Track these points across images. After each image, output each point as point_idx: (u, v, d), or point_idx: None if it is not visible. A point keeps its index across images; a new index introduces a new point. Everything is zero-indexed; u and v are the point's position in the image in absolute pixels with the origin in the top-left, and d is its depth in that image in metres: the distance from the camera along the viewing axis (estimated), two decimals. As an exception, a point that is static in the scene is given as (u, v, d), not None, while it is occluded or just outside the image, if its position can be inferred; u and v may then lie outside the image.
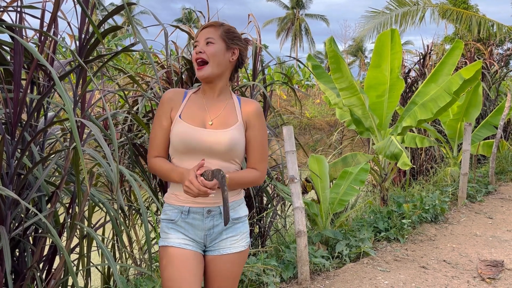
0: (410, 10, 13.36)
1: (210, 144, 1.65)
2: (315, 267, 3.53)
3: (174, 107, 1.72)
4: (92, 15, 2.11)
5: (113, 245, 3.30)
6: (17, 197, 1.49)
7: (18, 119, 1.94)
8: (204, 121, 1.70)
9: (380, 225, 4.46)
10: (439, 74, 6.02)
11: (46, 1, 2.13)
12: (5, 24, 1.96)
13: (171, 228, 1.70)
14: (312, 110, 23.36)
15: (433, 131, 7.40)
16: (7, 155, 1.91)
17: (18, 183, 1.96)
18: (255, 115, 1.75)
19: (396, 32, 5.64)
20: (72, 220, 2.11)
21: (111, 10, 2.14)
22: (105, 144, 1.88)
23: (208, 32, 1.70)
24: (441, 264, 3.80)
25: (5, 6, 2.08)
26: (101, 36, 1.95)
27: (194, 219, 1.69)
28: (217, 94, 1.74)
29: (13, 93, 1.94)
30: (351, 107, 5.82)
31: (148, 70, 5.64)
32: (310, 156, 4.79)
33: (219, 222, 1.71)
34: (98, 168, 2.65)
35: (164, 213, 1.74)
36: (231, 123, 1.70)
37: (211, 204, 1.69)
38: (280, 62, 5.38)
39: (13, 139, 1.94)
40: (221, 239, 1.73)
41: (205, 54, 1.67)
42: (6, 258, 1.69)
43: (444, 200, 5.36)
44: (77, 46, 2.14)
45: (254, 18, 3.94)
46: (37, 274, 1.96)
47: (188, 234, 1.70)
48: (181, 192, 1.68)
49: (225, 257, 1.72)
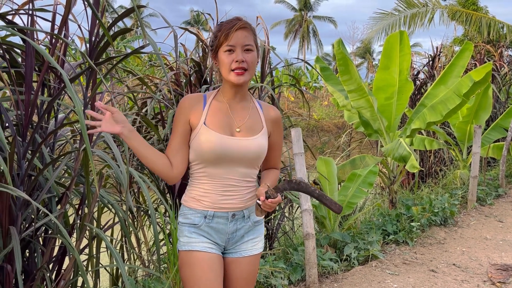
0: (419, 11, 13.29)
1: (242, 152, 1.65)
2: (323, 269, 3.52)
3: (194, 115, 1.66)
4: (102, 17, 2.13)
5: (122, 246, 3.31)
6: (28, 197, 1.50)
7: (29, 121, 1.96)
8: (232, 128, 1.67)
9: (388, 228, 4.44)
10: (449, 76, 5.97)
11: (57, 4, 2.15)
12: (17, 27, 1.98)
13: (193, 233, 1.68)
14: (320, 112, 23.31)
15: (442, 133, 7.35)
16: (18, 157, 1.92)
17: (29, 184, 1.98)
18: (277, 122, 1.79)
19: (405, 34, 5.61)
20: (81, 221, 2.12)
21: (121, 13, 2.16)
22: (115, 146, 1.90)
23: (245, 37, 1.63)
24: (450, 268, 3.77)
25: (17, 9, 2.10)
26: (111, 38, 1.96)
27: (218, 223, 1.69)
28: (241, 99, 1.72)
29: (25, 95, 1.96)
30: (360, 109, 5.80)
31: (157, 72, 5.66)
32: (318, 158, 4.78)
33: (242, 226, 1.73)
34: (107, 170, 2.66)
35: (184, 216, 1.71)
36: (257, 130, 1.71)
37: (236, 209, 1.70)
38: (288, 64, 5.38)
39: (24, 140, 1.95)
40: (242, 241, 1.75)
41: (246, 63, 1.62)
42: (17, 259, 1.70)
43: (453, 203, 5.31)
44: (87, 49, 2.16)
45: (262, 20, 3.94)
46: (47, 275, 1.97)
47: (211, 238, 1.69)
48: (204, 197, 1.68)
49: (247, 259, 1.75)
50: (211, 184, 1.67)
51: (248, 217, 1.74)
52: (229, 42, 1.61)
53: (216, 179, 1.66)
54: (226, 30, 1.61)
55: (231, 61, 1.61)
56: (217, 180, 1.66)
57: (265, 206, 1.58)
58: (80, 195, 2.27)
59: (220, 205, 1.67)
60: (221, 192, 1.67)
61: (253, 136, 1.68)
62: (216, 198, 1.67)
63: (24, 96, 1.96)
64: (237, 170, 1.67)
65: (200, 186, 1.69)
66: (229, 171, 1.66)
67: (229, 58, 1.62)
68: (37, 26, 2.09)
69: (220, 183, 1.67)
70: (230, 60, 1.61)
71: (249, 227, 1.75)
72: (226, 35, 1.61)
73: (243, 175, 1.69)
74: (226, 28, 1.62)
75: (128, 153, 3.25)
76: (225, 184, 1.67)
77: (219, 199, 1.67)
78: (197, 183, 1.70)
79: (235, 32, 1.61)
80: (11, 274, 1.86)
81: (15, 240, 1.74)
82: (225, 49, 1.62)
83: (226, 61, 1.62)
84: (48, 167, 2.05)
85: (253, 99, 1.78)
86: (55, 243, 2.13)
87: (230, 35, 1.61)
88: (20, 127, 1.96)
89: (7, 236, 1.86)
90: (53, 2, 2.16)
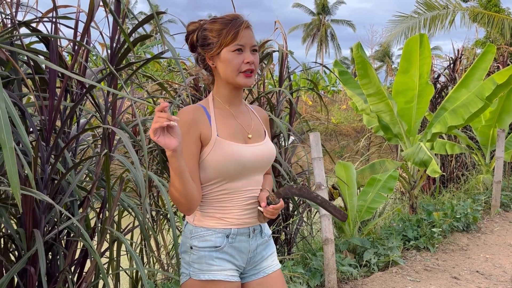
0: (440, 14, 13.11)
1: (259, 159, 1.54)
2: (343, 275, 3.48)
3: (202, 128, 1.47)
4: (122, 24, 2.17)
5: (141, 249, 3.35)
6: (51, 201, 1.53)
7: (52, 126, 2.00)
8: (244, 135, 1.54)
9: (409, 234, 4.37)
10: (470, 79, 5.87)
11: (80, 11, 2.19)
12: (41, 35, 2.03)
13: (216, 258, 1.48)
14: (339, 116, 23.17)
15: (464, 137, 7.21)
16: (42, 161, 1.97)
17: (52, 188, 2.02)
18: (268, 122, 1.71)
19: (425, 37, 5.54)
20: (102, 225, 2.16)
21: (141, 20, 2.20)
22: (133, 151, 1.92)
23: (252, 37, 1.50)
24: (473, 275, 3.69)
25: (41, 17, 2.15)
26: (132, 44, 2.00)
27: (240, 241, 1.52)
28: (239, 102, 1.60)
29: (48, 100, 2.00)
30: (379, 113, 5.74)
31: (176, 77, 5.72)
32: (337, 162, 4.75)
33: (261, 241, 1.59)
34: (127, 174, 2.70)
35: (201, 239, 1.49)
36: (263, 133, 1.62)
37: (255, 223, 1.57)
38: (306, 68, 5.38)
39: (47, 145, 2.00)
40: (262, 259, 1.61)
41: (254, 65, 1.49)
42: (41, 261, 1.73)
43: (476, 209, 5.20)
44: (108, 55, 2.20)
45: (280, 25, 3.95)
46: (69, 277, 2.00)
47: (234, 261, 1.52)
48: (226, 214, 1.50)
49: (274, 275, 1.62)
50: (232, 201, 1.50)
51: (263, 231, 1.62)
52: (239, 41, 1.46)
53: (237, 193, 1.51)
54: (235, 28, 1.46)
55: (241, 62, 1.46)
56: (237, 194, 1.51)
57: (267, 212, 1.49)
58: (101, 199, 2.31)
59: (243, 219, 1.52)
60: (244, 206, 1.52)
61: (263, 140, 1.59)
62: (239, 214, 1.51)
63: (48, 101, 2.01)
64: (255, 178, 1.55)
65: (218, 205, 1.50)
66: (248, 182, 1.52)
67: (238, 59, 1.46)
68: (60, 33, 2.14)
69: (241, 197, 1.51)
70: (239, 60, 1.46)
71: (266, 242, 1.62)
72: (236, 33, 1.45)
73: (259, 183, 1.57)
74: (233, 25, 1.47)
75: (148, 158, 3.28)
76: (246, 197, 1.52)
77: (242, 213, 1.52)
78: (215, 202, 1.51)
79: (244, 31, 1.47)
80: (35, 276, 1.90)
81: (39, 243, 1.77)
82: (233, 49, 1.46)
83: (234, 62, 1.46)
84: (71, 171, 2.09)
85: (244, 102, 1.67)
86: (77, 246, 2.16)
87: (240, 34, 1.46)
88: (44, 132, 2.01)
89: (31, 239, 1.90)
90: (75, 10, 2.21)
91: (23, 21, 2.03)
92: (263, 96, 3.83)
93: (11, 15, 2.03)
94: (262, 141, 1.58)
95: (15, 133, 1.76)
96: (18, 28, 1.97)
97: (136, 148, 3.18)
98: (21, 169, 1.83)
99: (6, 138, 1.17)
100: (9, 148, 1.16)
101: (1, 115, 1.19)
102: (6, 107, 1.23)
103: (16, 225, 2.08)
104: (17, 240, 1.92)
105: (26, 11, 2.22)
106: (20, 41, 2.04)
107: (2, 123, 1.18)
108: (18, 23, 1.99)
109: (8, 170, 1.15)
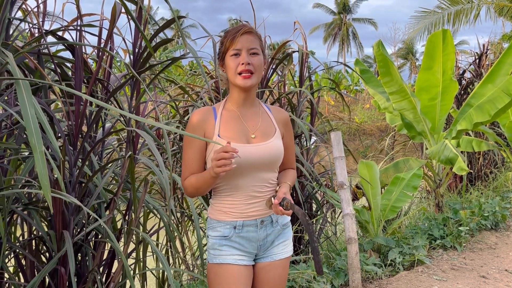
0: (464, 8, 12.82)
1: (261, 158, 1.64)
2: (367, 274, 3.46)
3: (207, 129, 1.65)
4: (144, 30, 2.22)
5: (167, 250, 3.40)
6: (80, 203, 1.59)
7: (79, 130, 2.07)
8: (247, 135, 1.67)
9: (435, 233, 4.30)
10: (497, 74, 5.72)
11: (103, 19, 2.26)
12: (67, 43, 2.10)
13: (224, 245, 1.68)
14: (362, 115, 22.91)
15: (492, 134, 7.03)
16: (70, 164, 2.04)
17: (79, 190, 2.09)
18: (288, 122, 1.80)
19: (448, 32, 5.44)
20: (128, 226, 2.21)
21: (162, 24, 2.25)
22: (158, 153, 1.97)
23: (250, 41, 1.63)
24: (502, 274, 3.60)
25: (67, 25, 2.23)
26: (153, 49, 2.05)
27: (248, 231, 1.68)
28: (250, 104, 1.72)
29: (75, 106, 2.07)
30: (402, 111, 5.67)
31: (198, 81, 5.79)
32: (360, 162, 4.71)
33: (272, 231, 1.73)
34: (152, 176, 2.75)
35: (214, 230, 1.71)
36: (271, 133, 1.71)
37: (263, 215, 1.70)
38: (327, 68, 5.36)
39: (75, 149, 2.07)
40: (273, 246, 1.75)
41: (252, 66, 1.61)
42: (71, 261, 1.79)
43: (505, 207, 5.07)
44: (131, 60, 2.26)
45: (300, 25, 3.96)
46: (98, 277, 2.06)
47: (243, 248, 1.69)
48: (231, 209, 1.67)
49: (277, 263, 1.75)
50: (236, 196, 1.67)
51: (276, 221, 1.73)
52: (235, 46, 1.61)
53: (240, 190, 1.66)
54: (232, 35, 1.62)
55: (237, 64, 1.61)
56: (241, 191, 1.66)
57: (274, 207, 1.60)
58: (127, 201, 2.36)
59: (247, 213, 1.67)
60: (247, 201, 1.67)
61: (268, 140, 1.68)
62: (243, 208, 1.67)
63: (74, 107, 2.08)
64: (259, 176, 1.66)
65: (224, 199, 1.69)
66: (252, 180, 1.65)
67: (235, 62, 1.62)
68: (85, 41, 2.21)
69: (244, 193, 1.66)
70: (236, 63, 1.62)
71: (278, 231, 1.75)
72: (232, 39, 1.62)
73: (264, 181, 1.68)
74: (231, 33, 1.63)
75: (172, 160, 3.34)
76: (250, 193, 1.66)
77: (246, 208, 1.67)
78: (221, 197, 1.69)
79: (241, 36, 1.62)
80: (65, 276, 1.97)
81: (69, 243, 1.84)
82: (231, 54, 1.63)
83: (232, 65, 1.62)
84: (97, 174, 2.15)
85: (261, 104, 1.78)
86: (104, 247, 2.22)
87: (236, 40, 1.61)
88: (71, 137, 2.08)
89: (61, 240, 1.97)
90: (99, 18, 2.27)
91: (49, 30, 2.11)
92: (283, 96, 3.84)
93: (38, 25, 2.11)
94: (267, 140, 1.68)
95: (44, 138, 1.83)
96: (45, 37, 2.04)
97: (160, 151, 3.24)
98: (50, 172, 1.90)
99: (37, 142, 1.22)
100: (39, 152, 1.21)
101: (31, 120, 1.25)
102: (36, 113, 1.29)
103: (46, 227, 2.16)
104: (48, 242, 1.99)
105: (52, 20, 2.30)
106: (47, 50, 2.12)
107: (33, 128, 1.24)
108: (45, 32, 2.06)
109: (39, 173, 1.20)
